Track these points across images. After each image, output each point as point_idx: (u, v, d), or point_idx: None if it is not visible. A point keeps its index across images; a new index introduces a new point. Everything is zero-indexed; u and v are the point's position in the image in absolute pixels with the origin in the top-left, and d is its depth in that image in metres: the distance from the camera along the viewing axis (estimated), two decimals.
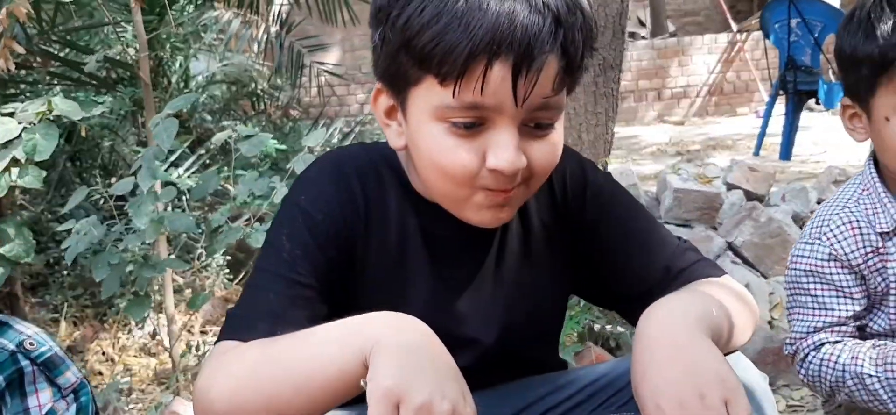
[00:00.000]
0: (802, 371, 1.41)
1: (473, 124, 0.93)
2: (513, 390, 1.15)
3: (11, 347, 1.05)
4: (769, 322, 2.75)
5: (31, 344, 1.06)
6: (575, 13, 0.92)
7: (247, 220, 2.30)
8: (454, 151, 0.94)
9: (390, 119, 1.02)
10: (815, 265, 1.40)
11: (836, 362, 1.36)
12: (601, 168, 2.64)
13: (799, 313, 1.43)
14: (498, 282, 1.10)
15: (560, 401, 1.15)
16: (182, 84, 4.52)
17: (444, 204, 1.02)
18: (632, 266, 1.11)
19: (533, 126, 0.95)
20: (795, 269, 1.43)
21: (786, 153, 6.10)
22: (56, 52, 3.64)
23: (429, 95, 0.93)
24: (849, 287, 1.40)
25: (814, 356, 1.39)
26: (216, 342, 0.98)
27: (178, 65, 4.51)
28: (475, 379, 1.12)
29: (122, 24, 3.54)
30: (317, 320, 1.00)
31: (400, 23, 0.91)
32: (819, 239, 1.41)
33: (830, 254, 1.39)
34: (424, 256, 1.07)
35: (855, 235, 1.39)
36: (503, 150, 0.92)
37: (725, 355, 0.99)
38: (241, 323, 0.97)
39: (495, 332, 1.10)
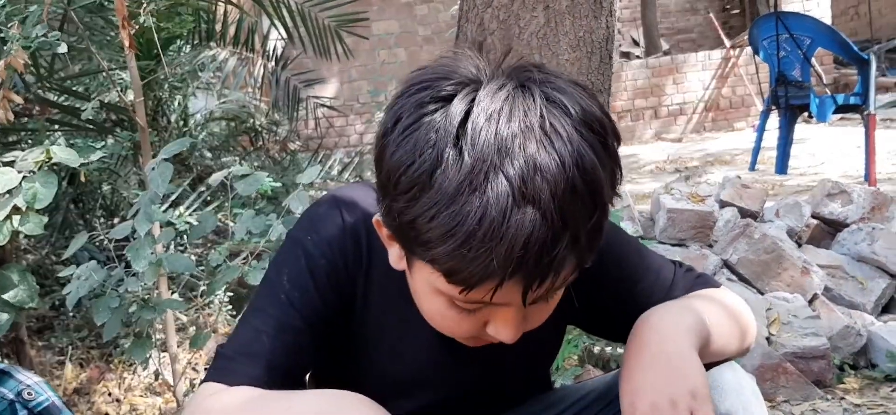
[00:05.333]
0: None
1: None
2: None
3: (11, 396, 1.08)
4: (767, 338, 2.77)
5: (29, 394, 1.09)
6: (593, 214, 0.83)
7: (245, 258, 2.33)
8: (457, 322, 0.92)
9: (393, 243, 0.96)
10: None
11: None
12: None
13: None
14: None
15: None
16: (181, 123, 4.56)
17: None
18: (635, 302, 1.10)
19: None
20: None
21: (781, 167, 6.13)
22: (55, 100, 3.69)
23: (434, 279, 0.87)
24: None
25: None
26: (202, 381, 0.98)
27: (176, 104, 4.56)
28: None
29: (118, 71, 3.59)
30: (307, 366, 1.01)
31: (406, 219, 0.84)
32: None
33: None
34: None
35: None
36: (506, 328, 0.91)
37: (716, 363, 1.04)
38: (230, 366, 0.97)
39: (493, 379, 1.12)
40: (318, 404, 0.86)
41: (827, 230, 3.58)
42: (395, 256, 0.96)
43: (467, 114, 0.81)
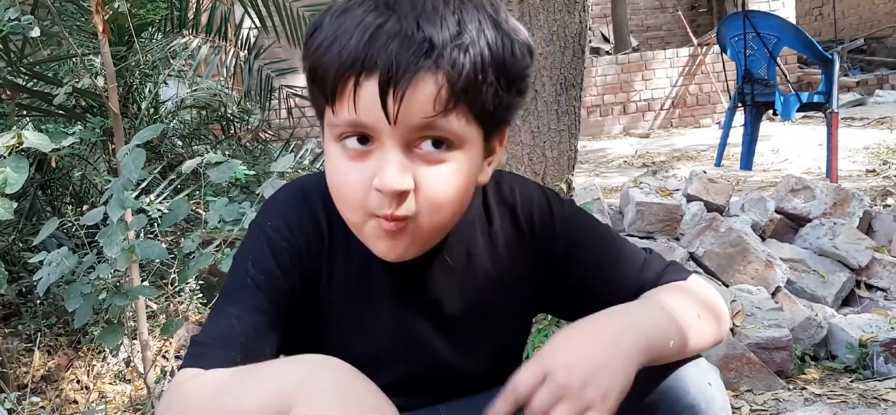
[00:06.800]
0: None
1: (361, 140, 0.95)
2: (463, 406, 1.18)
3: None
4: (731, 329, 2.83)
5: None
6: (462, 35, 0.91)
7: (217, 246, 2.33)
8: (346, 174, 0.97)
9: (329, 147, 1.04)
10: None
11: None
12: (565, 184, 2.71)
13: None
14: (464, 309, 1.12)
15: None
16: (152, 110, 4.53)
17: (355, 233, 1.03)
18: (606, 290, 1.12)
19: (424, 150, 0.95)
20: None
21: (746, 163, 6.23)
22: (25, 85, 3.65)
23: (327, 118, 0.98)
24: None
25: None
26: (179, 368, 0.99)
27: (147, 91, 4.53)
28: (435, 395, 1.17)
29: (90, 56, 3.56)
30: (279, 348, 1.03)
31: (310, 50, 0.97)
32: None
33: None
34: (386, 285, 1.09)
35: None
36: (384, 169, 0.93)
37: (682, 360, 1.03)
38: (205, 351, 0.99)
39: (458, 356, 1.14)
40: (296, 369, 0.88)
41: (790, 225, 3.65)
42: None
43: None
